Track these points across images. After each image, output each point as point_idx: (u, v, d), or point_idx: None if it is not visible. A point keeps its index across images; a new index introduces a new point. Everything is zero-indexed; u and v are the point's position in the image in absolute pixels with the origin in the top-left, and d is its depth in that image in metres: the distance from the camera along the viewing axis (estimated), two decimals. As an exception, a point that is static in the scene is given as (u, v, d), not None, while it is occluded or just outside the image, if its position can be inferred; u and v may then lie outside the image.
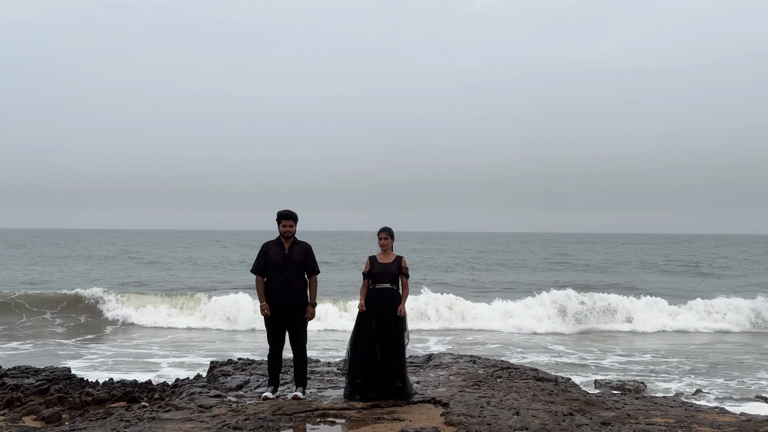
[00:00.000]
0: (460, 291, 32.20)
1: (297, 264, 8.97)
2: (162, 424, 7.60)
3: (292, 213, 9.03)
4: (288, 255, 8.98)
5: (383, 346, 8.78)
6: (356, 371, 8.84)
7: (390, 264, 9.02)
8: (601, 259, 70.24)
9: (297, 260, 8.97)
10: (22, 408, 8.93)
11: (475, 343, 21.11)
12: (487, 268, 57.27)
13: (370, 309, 8.88)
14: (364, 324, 8.89)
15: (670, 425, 7.96)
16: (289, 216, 9.01)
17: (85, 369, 15.55)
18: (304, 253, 9.05)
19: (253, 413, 8.11)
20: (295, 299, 8.93)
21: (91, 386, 10.50)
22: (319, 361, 12.11)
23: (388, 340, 8.80)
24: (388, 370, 8.75)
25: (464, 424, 7.58)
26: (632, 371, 16.52)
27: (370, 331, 8.83)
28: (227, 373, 10.69)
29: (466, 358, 12.13)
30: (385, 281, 8.93)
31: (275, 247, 9.06)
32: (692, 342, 22.19)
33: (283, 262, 8.94)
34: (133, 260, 62.60)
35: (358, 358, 8.84)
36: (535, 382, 10.05)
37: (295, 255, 8.98)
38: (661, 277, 50.11)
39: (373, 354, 8.78)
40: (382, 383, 8.75)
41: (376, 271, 8.97)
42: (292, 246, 9.03)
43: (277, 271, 8.96)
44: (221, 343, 20.53)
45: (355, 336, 8.99)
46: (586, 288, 32.19)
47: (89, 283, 34.89)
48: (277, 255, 8.99)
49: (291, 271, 8.93)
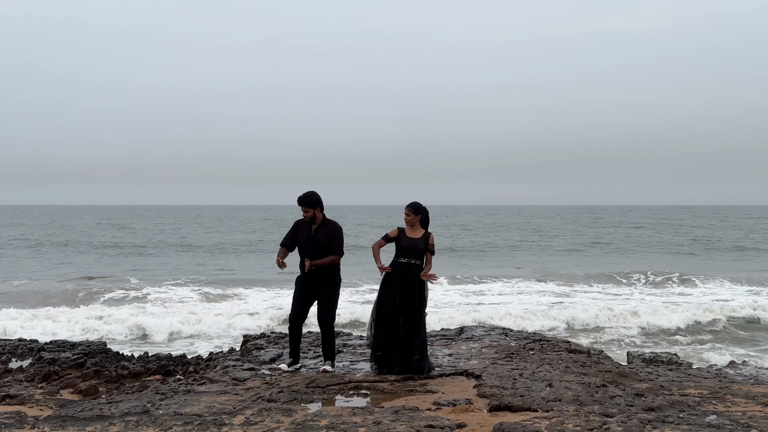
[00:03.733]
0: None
1: (321, 245, 8.98)
2: (197, 397, 7.68)
3: (307, 199, 9.00)
4: (313, 236, 9.01)
5: (405, 321, 8.79)
6: (378, 344, 8.88)
7: (418, 239, 8.99)
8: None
9: (321, 242, 8.98)
10: (59, 381, 9.06)
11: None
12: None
13: (396, 282, 8.89)
14: (387, 297, 8.90)
15: (704, 396, 7.91)
16: (303, 202, 9.01)
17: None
18: (330, 235, 9.03)
19: (287, 386, 8.17)
20: (319, 279, 8.98)
21: (126, 360, 10.62)
22: (351, 335, 12.16)
23: (410, 314, 8.81)
24: (409, 345, 8.77)
25: (497, 396, 7.58)
26: (663, 344, 16.46)
27: (393, 305, 8.83)
28: (260, 347, 10.76)
29: (498, 330, 12.12)
30: (412, 256, 8.92)
31: (304, 226, 9.11)
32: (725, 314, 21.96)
33: (308, 243, 9.00)
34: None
35: (380, 332, 8.89)
36: (567, 354, 10.02)
37: (320, 237, 9.00)
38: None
39: (395, 328, 8.79)
40: (404, 356, 8.78)
41: (404, 245, 8.95)
42: (319, 227, 9.04)
43: (302, 251, 9.04)
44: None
45: (378, 308, 9.03)
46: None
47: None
48: (304, 235, 9.06)
49: (316, 252, 8.96)
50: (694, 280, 29.22)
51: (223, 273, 33.32)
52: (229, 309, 21.22)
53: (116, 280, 29.17)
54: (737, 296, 24.95)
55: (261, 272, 33.27)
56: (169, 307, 21.34)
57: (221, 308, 21.35)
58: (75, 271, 33.71)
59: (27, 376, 9.38)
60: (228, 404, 7.35)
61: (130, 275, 31.52)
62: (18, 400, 7.95)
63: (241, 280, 29.31)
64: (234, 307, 21.70)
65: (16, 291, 25.69)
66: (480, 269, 34.04)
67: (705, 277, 29.89)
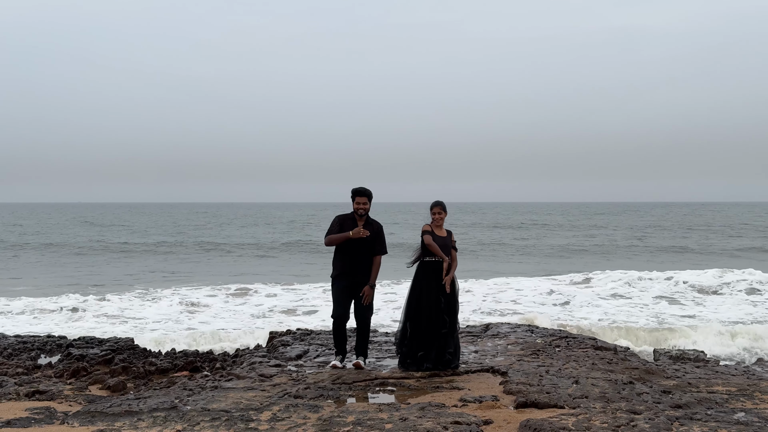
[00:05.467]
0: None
1: (366, 242, 8.96)
2: (224, 393, 7.73)
3: (367, 190, 9.00)
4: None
5: (450, 320, 8.84)
6: (420, 344, 8.85)
7: (446, 237, 9.02)
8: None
9: (369, 240, 8.97)
10: (87, 377, 9.15)
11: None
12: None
13: (436, 282, 8.88)
14: (426, 296, 8.86)
15: (732, 393, 7.85)
16: (363, 193, 8.97)
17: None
18: (375, 232, 9.02)
19: (313, 382, 8.20)
20: (361, 275, 8.97)
21: (154, 356, 10.71)
22: (377, 331, 12.17)
23: (453, 313, 8.87)
24: (448, 342, 8.81)
25: (523, 392, 7.57)
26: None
27: (437, 304, 8.82)
28: (286, 343, 10.80)
29: (524, 327, 12.09)
30: (446, 254, 8.92)
31: (348, 222, 9.04)
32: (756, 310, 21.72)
33: (356, 239, 8.94)
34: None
35: (422, 332, 8.87)
36: (593, 351, 9.98)
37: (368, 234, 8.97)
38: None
39: (442, 327, 8.81)
40: (439, 354, 8.80)
41: (438, 244, 8.96)
42: (366, 224, 9.03)
43: (348, 247, 8.98)
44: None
45: (414, 307, 8.98)
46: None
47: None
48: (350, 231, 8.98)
49: (363, 249, 8.95)
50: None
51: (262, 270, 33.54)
52: (255, 306, 21.28)
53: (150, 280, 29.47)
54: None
55: (282, 268, 33.41)
56: (193, 306, 21.40)
57: (248, 305, 21.44)
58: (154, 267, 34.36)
59: (56, 372, 9.48)
60: (255, 400, 7.39)
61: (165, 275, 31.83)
62: (47, 395, 8.04)
63: (267, 277, 29.44)
64: (262, 303, 21.78)
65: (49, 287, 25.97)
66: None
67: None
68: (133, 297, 22.61)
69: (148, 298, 22.40)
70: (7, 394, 7.98)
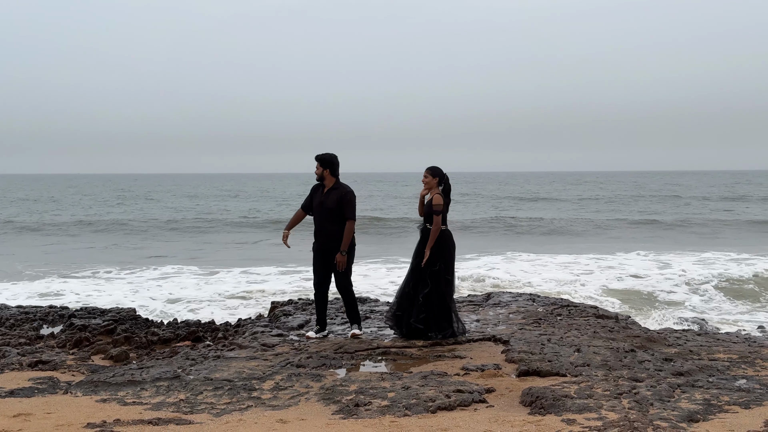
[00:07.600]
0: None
1: (330, 209, 9.05)
2: (227, 362, 7.75)
3: (320, 156, 9.16)
4: (323, 199, 9.10)
5: (431, 290, 8.88)
6: (398, 305, 9.05)
7: (428, 203, 9.07)
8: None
9: (329, 206, 9.05)
10: (90, 347, 9.16)
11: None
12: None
13: (418, 247, 9.04)
14: (413, 261, 9.08)
15: (734, 360, 7.88)
16: (317, 158, 9.18)
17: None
18: (338, 198, 9.06)
19: (316, 351, 8.23)
20: (330, 242, 9.06)
21: (156, 326, 10.72)
22: (378, 301, 12.19)
23: (434, 283, 8.88)
24: (419, 309, 8.84)
25: (525, 360, 7.59)
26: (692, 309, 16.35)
27: (415, 270, 8.99)
28: (288, 313, 10.82)
29: (525, 296, 12.10)
30: (426, 220, 8.99)
31: (318, 189, 9.25)
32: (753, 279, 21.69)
33: (319, 206, 9.14)
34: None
35: (402, 292, 9.08)
36: (595, 320, 9.99)
37: (329, 200, 9.06)
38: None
39: (407, 287, 9.01)
40: (408, 322, 8.89)
41: (427, 211, 9.02)
42: (330, 191, 9.12)
43: (315, 214, 9.22)
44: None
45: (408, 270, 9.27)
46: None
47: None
48: (316, 198, 9.20)
49: (325, 214, 9.07)
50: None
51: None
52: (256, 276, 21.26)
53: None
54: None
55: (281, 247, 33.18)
56: (195, 277, 21.40)
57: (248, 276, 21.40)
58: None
59: (59, 342, 9.50)
60: (257, 370, 7.41)
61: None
62: (50, 365, 8.06)
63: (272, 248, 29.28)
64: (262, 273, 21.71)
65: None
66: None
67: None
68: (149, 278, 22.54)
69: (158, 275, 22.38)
70: (10, 364, 8.00)
